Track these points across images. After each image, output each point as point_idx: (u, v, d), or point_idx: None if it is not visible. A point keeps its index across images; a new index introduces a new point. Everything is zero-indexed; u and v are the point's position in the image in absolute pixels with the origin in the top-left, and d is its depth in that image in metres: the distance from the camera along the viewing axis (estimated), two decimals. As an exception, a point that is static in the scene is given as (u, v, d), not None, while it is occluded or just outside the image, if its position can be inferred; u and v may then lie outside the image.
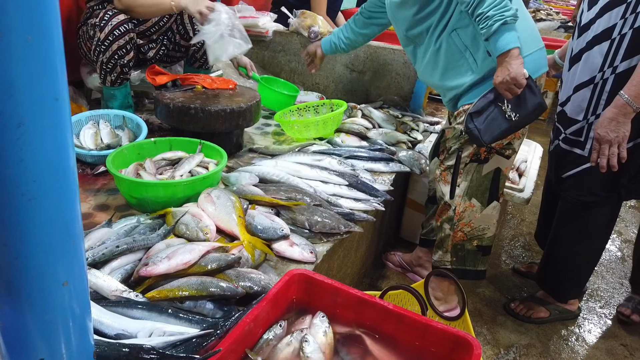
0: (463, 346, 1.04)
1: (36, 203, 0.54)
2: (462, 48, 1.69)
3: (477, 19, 1.54)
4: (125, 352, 0.92)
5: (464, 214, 1.83)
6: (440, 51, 1.74)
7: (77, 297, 0.64)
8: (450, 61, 1.74)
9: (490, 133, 1.64)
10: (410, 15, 1.76)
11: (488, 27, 1.51)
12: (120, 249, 1.25)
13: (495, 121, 1.63)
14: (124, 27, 1.99)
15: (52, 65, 0.52)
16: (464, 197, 1.82)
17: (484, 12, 1.51)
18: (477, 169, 1.79)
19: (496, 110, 1.63)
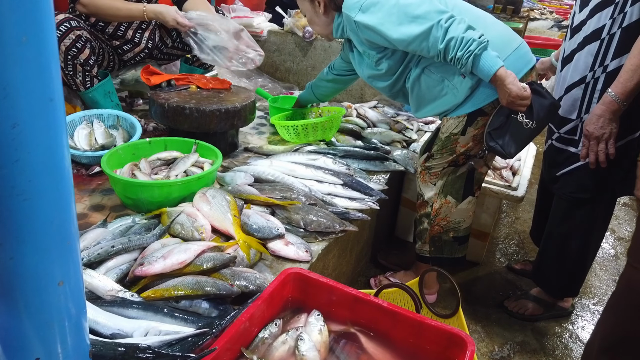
0: (457, 343, 1.05)
1: (31, 203, 0.54)
2: (438, 80, 1.73)
3: (452, 62, 1.58)
4: (121, 352, 0.92)
5: (441, 210, 1.91)
6: (422, 89, 1.79)
7: (72, 297, 0.64)
8: (434, 93, 1.77)
9: (514, 145, 1.68)
10: (387, 86, 1.86)
11: (465, 66, 1.56)
12: (115, 248, 1.25)
13: (516, 134, 1.66)
14: (65, 26, 1.93)
15: (47, 65, 0.52)
16: (440, 195, 1.89)
17: (453, 56, 1.55)
18: (453, 171, 1.87)
19: (514, 122, 1.66)
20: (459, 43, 1.53)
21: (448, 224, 1.95)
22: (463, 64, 1.55)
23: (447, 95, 1.74)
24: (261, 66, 3.12)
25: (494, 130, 1.69)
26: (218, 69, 2.75)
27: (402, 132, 2.47)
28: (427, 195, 1.93)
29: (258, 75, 2.99)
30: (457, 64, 1.57)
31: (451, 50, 1.54)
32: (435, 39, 1.55)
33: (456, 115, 1.77)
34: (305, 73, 3.04)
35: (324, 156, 1.96)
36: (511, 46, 1.71)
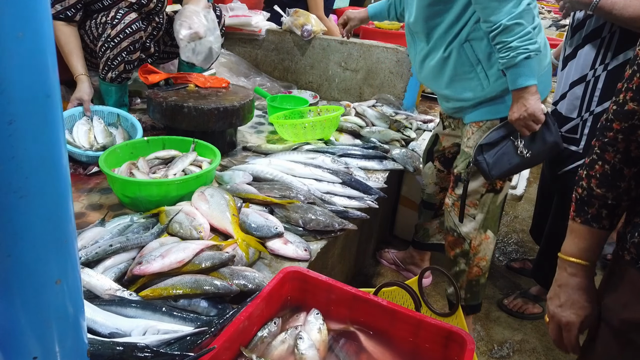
0: (457, 342, 1.04)
1: (28, 200, 0.54)
2: (474, 61, 1.59)
3: (499, 46, 1.44)
4: (119, 351, 0.91)
5: (480, 247, 1.75)
6: (449, 60, 1.63)
7: (70, 296, 0.63)
8: (459, 72, 1.63)
9: (499, 168, 1.59)
10: (424, 5, 1.61)
11: (510, 58, 1.42)
12: (113, 247, 1.24)
13: (505, 156, 1.57)
14: (136, 26, 1.99)
15: (44, 61, 0.52)
16: (480, 230, 1.73)
17: (507, 41, 1.41)
18: (493, 200, 1.72)
19: (509, 145, 1.57)
20: (523, 33, 1.40)
21: (487, 264, 1.78)
22: (508, 57, 1.42)
23: (470, 81, 1.61)
24: (260, 65, 3.12)
25: (486, 145, 1.60)
26: (216, 68, 2.74)
27: (400, 130, 2.47)
28: (464, 230, 1.74)
29: (256, 74, 2.98)
30: (501, 51, 1.44)
31: (511, 34, 1.40)
32: (508, 11, 1.39)
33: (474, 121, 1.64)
34: (304, 72, 3.04)
35: (322, 155, 1.95)
36: (543, 64, 1.62)
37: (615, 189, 0.92)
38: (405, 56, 2.72)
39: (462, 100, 1.68)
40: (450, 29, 1.59)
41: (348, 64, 2.91)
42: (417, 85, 2.77)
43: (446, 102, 1.78)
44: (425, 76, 1.77)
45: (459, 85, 1.65)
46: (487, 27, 1.45)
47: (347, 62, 2.90)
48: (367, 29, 3.92)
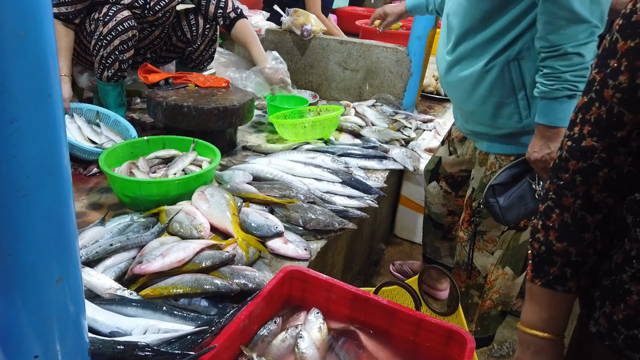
0: (457, 340, 1.05)
1: (30, 199, 0.54)
2: (517, 85, 1.36)
3: (547, 70, 1.23)
4: (120, 350, 0.92)
5: (496, 282, 1.61)
6: (488, 77, 1.39)
7: (71, 294, 0.64)
8: (496, 94, 1.40)
9: (514, 213, 1.42)
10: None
11: (553, 90, 1.22)
12: (113, 247, 1.24)
13: (522, 199, 1.40)
14: (128, 24, 1.98)
15: (45, 61, 0.52)
16: (497, 266, 1.58)
17: (559, 69, 1.21)
18: (515, 237, 1.55)
19: (525, 187, 1.40)
20: (580, 68, 1.21)
21: (501, 296, 1.65)
22: (552, 87, 1.22)
23: (506, 107, 1.39)
24: (259, 65, 3.11)
25: (499, 186, 1.42)
26: (216, 67, 2.74)
27: (400, 130, 2.47)
28: (480, 264, 1.61)
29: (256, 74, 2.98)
30: (547, 78, 1.23)
31: (567, 63, 1.20)
32: (575, 36, 1.18)
33: (503, 153, 1.46)
34: (303, 72, 3.04)
35: (322, 154, 1.96)
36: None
37: (579, 242, 0.75)
38: (405, 56, 2.72)
39: (490, 127, 1.46)
40: (500, 38, 1.34)
41: (348, 64, 2.91)
42: (417, 85, 2.77)
43: (466, 121, 1.55)
44: (451, 84, 1.51)
45: (491, 108, 1.42)
46: (542, 45, 1.23)
47: (347, 62, 2.90)
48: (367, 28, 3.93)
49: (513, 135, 1.43)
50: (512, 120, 1.41)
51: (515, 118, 1.40)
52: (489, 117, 1.44)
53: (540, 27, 1.23)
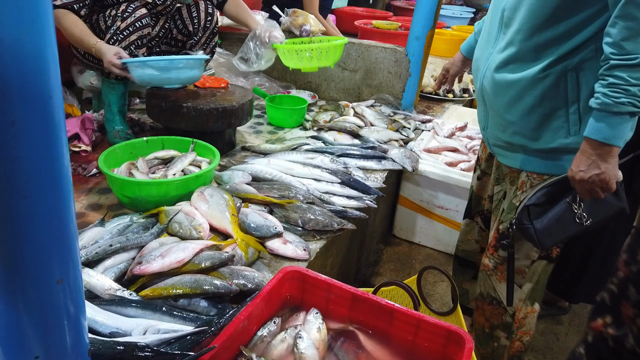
0: (455, 341, 1.05)
1: (30, 201, 0.54)
2: (571, 97, 1.22)
3: (612, 80, 1.09)
4: (120, 350, 0.92)
5: (525, 320, 1.46)
6: (541, 85, 1.24)
7: (71, 295, 0.64)
8: (546, 104, 1.25)
9: (552, 237, 1.27)
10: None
11: (615, 103, 1.08)
12: (113, 247, 1.25)
13: (561, 222, 1.26)
14: (145, 21, 1.98)
15: (45, 63, 0.52)
16: (526, 302, 1.43)
17: (629, 81, 1.07)
18: (545, 269, 1.42)
19: (564, 208, 1.26)
20: None
21: (530, 339, 1.50)
22: (615, 100, 1.08)
23: (554, 121, 1.25)
24: (258, 65, 3.12)
25: (534, 207, 1.28)
26: (215, 68, 2.74)
27: (399, 130, 2.47)
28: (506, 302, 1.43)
29: (255, 74, 2.98)
30: (611, 88, 1.09)
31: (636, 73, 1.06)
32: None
33: (537, 172, 1.32)
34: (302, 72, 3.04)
35: (321, 155, 1.96)
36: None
37: None
38: (403, 56, 2.72)
39: (530, 139, 1.31)
40: (563, 41, 1.19)
41: (347, 64, 2.91)
42: (416, 85, 2.78)
43: (502, 130, 1.37)
44: (495, 87, 1.34)
45: (537, 118, 1.28)
46: (613, 52, 1.08)
47: (346, 62, 2.90)
48: (366, 28, 3.93)
49: (554, 151, 1.28)
50: (558, 135, 1.26)
51: (562, 132, 1.26)
52: (532, 129, 1.29)
53: (615, 32, 1.08)
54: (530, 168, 1.35)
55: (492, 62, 1.34)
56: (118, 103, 2.13)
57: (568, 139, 1.26)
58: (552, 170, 1.31)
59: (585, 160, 1.16)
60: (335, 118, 2.51)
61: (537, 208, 1.28)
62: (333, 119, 2.49)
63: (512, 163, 1.41)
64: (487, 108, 1.41)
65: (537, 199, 1.29)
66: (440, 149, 2.46)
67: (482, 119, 1.47)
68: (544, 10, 1.19)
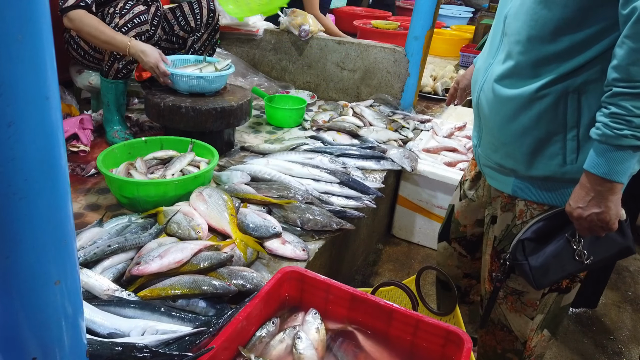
0: (454, 341, 1.05)
1: (28, 202, 0.54)
2: (570, 122, 1.10)
3: (614, 109, 0.97)
4: (118, 351, 0.92)
5: (536, 348, 1.40)
6: (537, 105, 1.12)
7: (69, 296, 0.64)
8: (542, 127, 1.13)
9: (549, 275, 1.16)
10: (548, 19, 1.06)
11: (619, 135, 0.96)
12: (111, 248, 1.24)
13: (558, 260, 1.15)
14: (143, 17, 1.98)
15: (43, 63, 0.52)
16: (537, 331, 1.36)
17: (632, 111, 0.95)
18: (557, 300, 1.31)
19: (562, 244, 1.15)
20: None
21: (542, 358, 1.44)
22: (617, 131, 0.96)
23: (552, 146, 1.13)
24: (257, 65, 3.12)
25: (529, 241, 1.17)
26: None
27: (398, 130, 2.47)
28: (518, 328, 1.36)
29: (254, 74, 2.98)
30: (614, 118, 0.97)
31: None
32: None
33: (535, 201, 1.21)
34: (302, 72, 3.04)
35: (320, 155, 1.96)
36: None
37: None
38: (402, 56, 2.72)
39: (523, 164, 1.19)
40: (565, 58, 1.07)
41: (346, 64, 2.91)
42: (415, 85, 2.78)
43: (494, 150, 1.26)
44: (490, 102, 1.22)
45: (532, 142, 1.15)
46: (617, 77, 0.96)
47: (345, 62, 2.90)
48: (365, 28, 3.93)
49: (549, 180, 1.17)
50: (553, 162, 1.14)
51: (557, 160, 1.13)
52: (525, 152, 1.17)
53: (621, 54, 0.95)
54: (525, 195, 1.22)
55: (490, 74, 1.22)
56: (116, 103, 2.13)
57: (563, 168, 1.13)
58: (553, 201, 1.18)
59: (584, 196, 1.05)
60: (334, 118, 2.51)
61: (532, 243, 1.17)
62: (332, 119, 2.49)
63: (502, 187, 1.28)
64: (481, 123, 1.30)
65: (533, 233, 1.17)
66: (439, 149, 2.46)
67: (476, 134, 1.36)
68: (545, 21, 1.06)
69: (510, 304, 1.34)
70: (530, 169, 1.18)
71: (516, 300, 1.32)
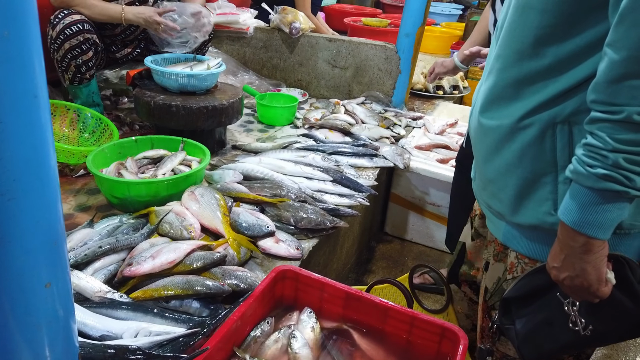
0: (450, 338, 1.05)
1: (16, 203, 0.53)
2: (562, 160, 0.89)
3: (590, 139, 0.78)
4: (111, 354, 0.91)
5: None
6: (519, 138, 0.93)
7: (60, 299, 0.62)
8: (525, 164, 0.93)
9: (535, 346, 0.95)
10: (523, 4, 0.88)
11: (590, 173, 0.77)
12: (103, 249, 1.23)
13: (548, 328, 0.93)
14: (77, 27, 1.93)
15: (30, 61, 0.51)
16: None
17: (608, 143, 0.75)
18: None
19: (553, 307, 0.93)
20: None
21: None
22: (592, 171, 0.76)
23: (542, 189, 0.92)
24: (248, 63, 3.10)
25: (518, 300, 0.98)
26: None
27: (390, 128, 2.47)
28: None
29: (245, 72, 2.96)
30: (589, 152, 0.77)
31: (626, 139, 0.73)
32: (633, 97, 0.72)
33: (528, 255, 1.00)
34: (292, 70, 3.03)
35: (313, 153, 1.95)
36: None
37: None
38: (394, 53, 2.72)
39: (509, 208, 0.99)
40: (553, 76, 0.87)
41: (337, 62, 2.90)
42: (406, 83, 2.78)
43: (483, 187, 1.09)
44: (477, 130, 1.05)
45: (516, 182, 0.96)
46: (595, 98, 0.77)
47: (336, 60, 2.90)
48: (355, 26, 3.93)
49: (538, 229, 0.95)
50: (541, 209, 0.93)
51: (546, 207, 0.92)
52: (511, 195, 0.97)
53: (602, 68, 0.75)
54: (516, 247, 1.03)
55: (479, 96, 1.04)
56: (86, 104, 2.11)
57: (554, 217, 0.90)
58: (545, 257, 0.92)
59: (559, 253, 0.85)
60: (326, 116, 2.50)
61: (520, 302, 0.97)
62: (324, 117, 2.49)
63: (495, 232, 1.08)
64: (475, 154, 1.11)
65: (520, 290, 0.97)
66: (431, 146, 2.46)
67: (473, 166, 1.16)
68: (524, 30, 0.88)
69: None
70: (516, 214, 0.98)
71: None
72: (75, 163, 1.76)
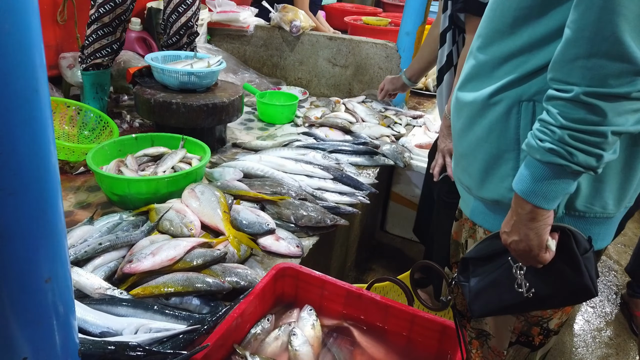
0: (451, 335, 1.05)
1: (17, 198, 0.52)
2: (522, 139, 0.92)
3: (544, 115, 0.82)
4: (111, 350, 0.90)
5: None
6: (489, 114, 0.96)
7: (60, 295, 0.62)
8: (492, 139, 0.97)
9: (483, 303, 1.01)
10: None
11: (539, 146, 0.81)
12: (103, 246, 1.23)
13: (495, 287, 0.99)
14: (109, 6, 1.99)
15: (31, 56, 0.50)
16: None
17: (556, 119, 0.79)
18: (530, 358, 1.14)
19: (504, 270, 0.98)
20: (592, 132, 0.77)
21: None
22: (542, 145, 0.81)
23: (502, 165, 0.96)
24: (248, 61, 3.10)
25: (475, 260, 1.04)
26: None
27: (390, 126, 2.47)
28: None
29: (245, 71, 2.96)
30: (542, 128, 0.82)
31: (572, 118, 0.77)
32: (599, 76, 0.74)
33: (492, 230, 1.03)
34: (293, 68, 3.02)
35: (313, 151, 1.95)
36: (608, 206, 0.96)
37: None
38: (394, 52, 2.72)
39: (476, 182, 1.03)
40: (525, 56, 0.90)
41: (337, 60, 2.90)
42: (407, 81, 2.77)
43: (456, 163, 1.14)
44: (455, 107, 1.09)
45: (484, 157, 1.00)
46: (551, 76, 0.81)
47: (337, 58, 2.89)
48: (356, 25, 3.92)
49: (501, 205, 0.99)
50: (503, 185, 0.97)
51: (507, 182, 0.95)
52: (478, 169, 1.01)
53: (560, 47, 0.79)
54: (480, 222, 1.07)
55: (462, 74, 1.07)
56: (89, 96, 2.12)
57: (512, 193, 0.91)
58: (493, 225, 1.02)
59: (509, 219, 0.91)
60: (327, 114, 2.50)
61: (477, 262, 1.03)
62: (324, 115, 2.48)
63: (464, 209, 1.13)
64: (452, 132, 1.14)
65: (480, 252, 1.02)
66: (431, 145, 2.46)
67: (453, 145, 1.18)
68: (504, 10, 0.91)
69: (476, 350, 1.16)
70: (481, 189, 1.02)
71: (482, 344, 1.14)
72: (75, 160, 1.76)
